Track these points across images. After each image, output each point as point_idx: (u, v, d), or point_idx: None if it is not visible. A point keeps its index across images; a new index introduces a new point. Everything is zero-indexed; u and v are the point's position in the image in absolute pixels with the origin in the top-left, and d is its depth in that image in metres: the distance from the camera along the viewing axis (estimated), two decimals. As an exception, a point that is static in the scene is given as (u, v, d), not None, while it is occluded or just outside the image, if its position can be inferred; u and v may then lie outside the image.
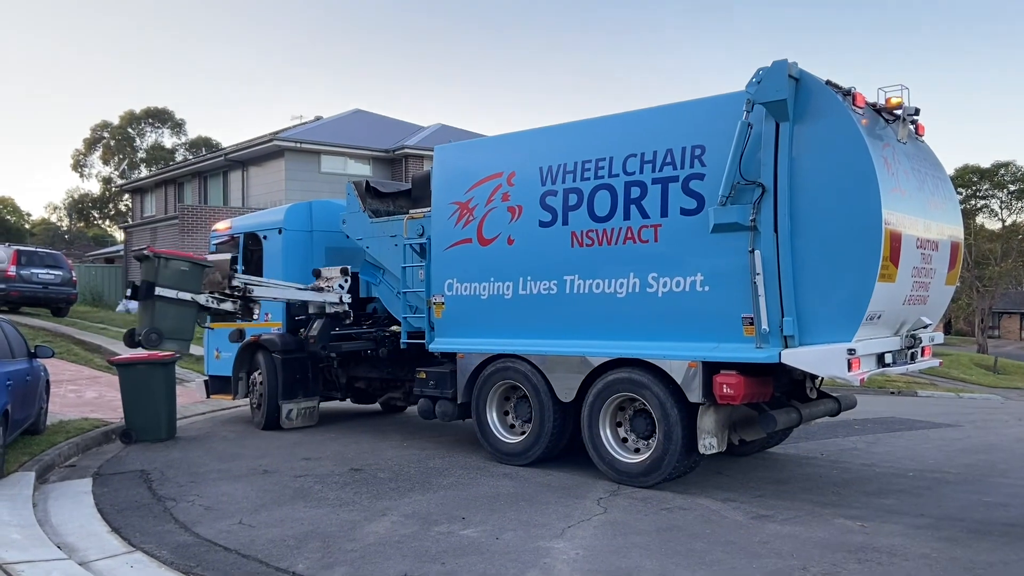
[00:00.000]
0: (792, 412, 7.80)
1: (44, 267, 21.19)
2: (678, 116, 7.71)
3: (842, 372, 6.67)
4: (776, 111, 6.89)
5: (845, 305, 6.70)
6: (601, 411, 7.99)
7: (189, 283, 9.32)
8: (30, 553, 5.67)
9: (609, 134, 8.15)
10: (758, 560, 5.56)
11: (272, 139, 29.48)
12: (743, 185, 7.02)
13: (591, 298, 8.09)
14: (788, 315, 6.85)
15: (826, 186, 6.77)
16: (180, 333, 9.30)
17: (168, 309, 9.15)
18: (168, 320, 9.14)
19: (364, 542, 6.05)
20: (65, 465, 8.94)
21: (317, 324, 10.63)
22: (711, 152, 7.31)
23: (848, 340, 6.65)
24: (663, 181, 7.60)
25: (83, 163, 60.87)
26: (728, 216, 7.04)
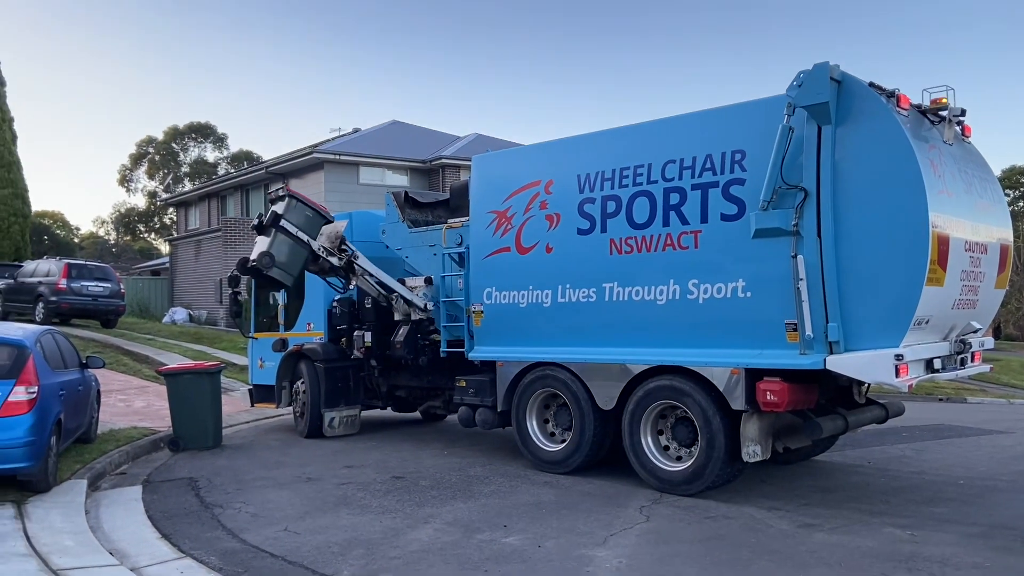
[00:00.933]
0: (838, 419, 7.65)
1: (93, 280, 21.69)
2: (718, 121, 7.65)
3: (890, 378, 6.55)
4: (818, 114, 6.81)
5: (892, 310, 6.58)
6: (642, 419, 7.94)
7: (310, 228, 9.97)
8: (83, 559, 5.81)
9: (647, 140, 8.12)
10: (805, 570, 5.47)
11: (312, 152, 29.90)
12: (785, 190, 6.95)
13: (630, 305, 8.05)
14: (833, 321, 6.75)
15: (871, 190, 6.66)
16: (288, 268, 9.88)
17: (284, 244, 9.80)
18: (282, 253, 9.76)
19: (407, 549, 6.09)
20: (116, 473, 9.15)
21: (403, 331, 10.73)
22: (752, 157, 7.24)
23: (896, 345, 6.53)
24: (703, 187, 7.55)
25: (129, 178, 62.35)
26: (770, 221, 6.97)
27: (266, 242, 9.73)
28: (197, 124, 61.71)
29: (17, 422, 7.19)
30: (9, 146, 29.05)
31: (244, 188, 35.15)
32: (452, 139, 34.45)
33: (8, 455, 7.12)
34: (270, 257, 9.62)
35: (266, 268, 9.60)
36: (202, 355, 18.62)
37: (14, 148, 29.38)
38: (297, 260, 9.95)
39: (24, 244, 29.25)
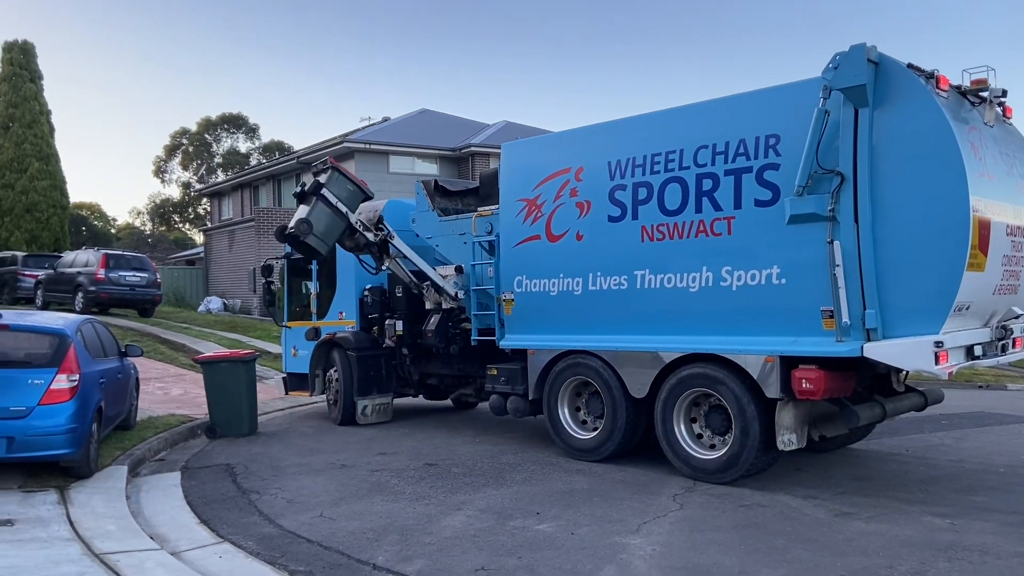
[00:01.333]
0: (875, 407, 7.53)
1: (131, 270, 22.05)
2: (751, 105, 7.54)
3: (929, 366, 6.44)
4: (855, 97, 6.67)
5: (932, 296, 6.45)
6: (675, 407, 7.90)
7: (350, 202, 10.05)
8: (125, 543, 5.93)
9: (679, 126, 8.03)
10: (842, 558, 5.42)
11: (342, 141, 30.09)
12: (821, 174, 6.83)
13: (662, 293, 7.99)
14: (870, 307, 6.64)
15: (910, 173, 6.53)
16: (325, 237, 9.92)
17: (323, 214, 9.83)
18: (320, 222, 9.82)
19: (441, 535, 6.13)
20: (155, 459, 9.32)
21: (434, 319, 10.76)
22: (786, 141, 7.12)
23: (935, 332, 6.42)
24: (736, 172, 7.45)
25: (164, 169, 63.21)
26: (805, 206, 6.86)
27: (305, 210, 9.79)
28: (229, 115, 62.33)
29: (59, 409, 7.35)
30: (47, 139, 29.63)
31: (276, 178, 35.48)
32: (481, 127, 34.43)
33: (51, 442, 7.28)
34: (308, 224, 9.67)
35: (303, 235, 9.65)
36: (237, 344, 18.87)
37: (52, 141, 29.97)
38: (334, 230, 9.98)
39: (63, 235, 29.87)
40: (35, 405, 7.25)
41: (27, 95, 29.19)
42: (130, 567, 5.34)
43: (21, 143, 28.68)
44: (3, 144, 28.70)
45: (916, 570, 5.16)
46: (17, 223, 28.39)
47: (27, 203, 28.44)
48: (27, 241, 28.05)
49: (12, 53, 29.55)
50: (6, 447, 7.10)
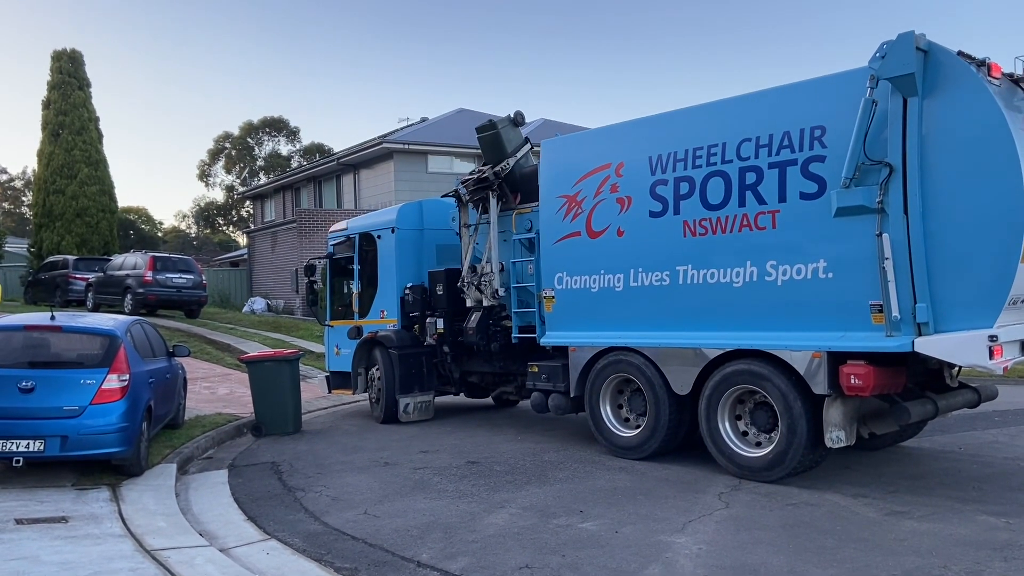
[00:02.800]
0: (927, 403, 7.33)
1: (177, 272, 22.48)
2: (795, 97, 7.41)
3: (983, 360, 6.26)
4: (903, 86, 6.51)
5: (985, 289, 6.29)
6: (719, 404, 7.79)
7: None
8: (175, 540, 6.04)
9: (721, 119, 7.92)
10: (894, 558, 5.29)
11: (381, 142, 30.29)
12: (868, 166, 6.69)
13: (705, 288, 7.89)
14: (921, 301, 6.48)
15: (961, 163, 6.36)
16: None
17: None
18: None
19: (484, 533, 6.13)
20: (203, 457, 9.49)
21: (474, 317, 10.81)
22: (832, 133, 6.98)
23: (989, 326, 6.24)
24: (780, 165, 7.32)
25: (208, 173, 64.32)
26: (853, 199, 6.73)
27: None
28: (270, 119, 63.21)
29: (111, 409, 7.52)
30: (96, 145, 30.33)
31: (316, 180, 35.88)
32: (519, 125, 34.36)
33: (103, 440, 7.45)
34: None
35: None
36: (281, 343, 19.13)
37: (100, 147, 30.66)
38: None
39: (112, 239, 30.53)
40: (87, 405, 7.43)
41: (76, 102, 29.91)
42: (181, 563, 5.43)
43: (71, 149, 29.40)
44: (54, 151, 29.44)
45: (971, 570, 5.02)
46: (68, 227, 29.11)
47: (77, 208, 29.14)
48: (77, 245, 28.73)
49: (61, 62, 30.30)
50: (60, 446, 7.28)
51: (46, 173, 29.59)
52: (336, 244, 13.14)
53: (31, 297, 25.64)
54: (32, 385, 7.36)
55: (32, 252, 30.64)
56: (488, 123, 10.77)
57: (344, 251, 12.92)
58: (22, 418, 7.26)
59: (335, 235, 13.28)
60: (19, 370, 7.50)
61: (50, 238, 29.22)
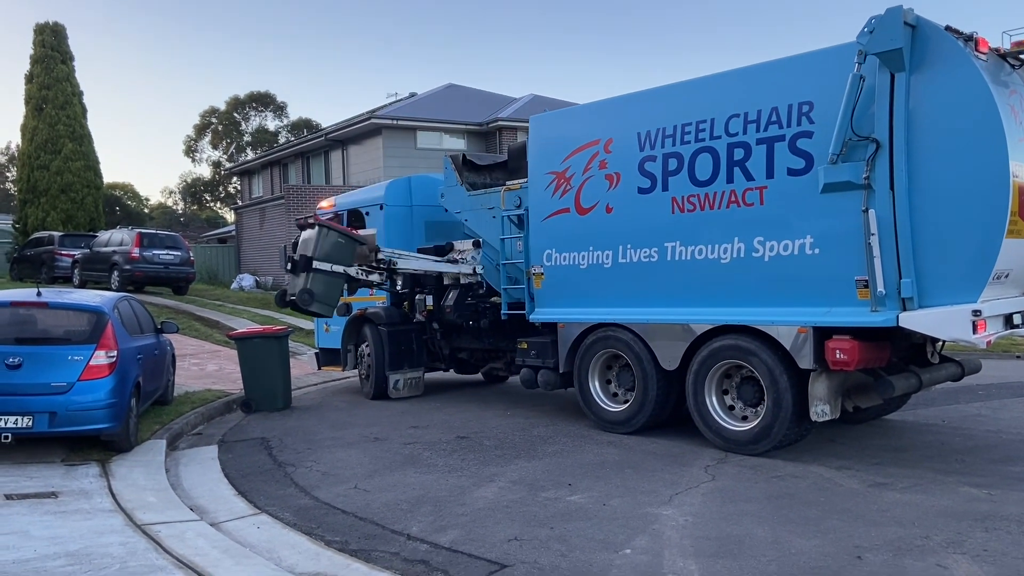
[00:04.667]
0: (911, 377, 7.41)
1: (164, 248, 22.33)
2: (784, 72, 7.40)
3: (967, 335, 6.33)
4: (891, 61, 6.52)
5: (970, 264, 6.35)
6: (706, 379, 7.86)
7: (343, 256, 10.03)
8: (166, 515, 6.07)
9: (710, 95, 7.91)
10: (877, 528, 5.38)
11: (369, 118, 30.08)
12: (855, 141, 6.71)
13: (693, 264, 7.93)
14: (906, 276, 6.54)
15: (947, 139, 6.39)
16: (328, 299, 10.07)
17: (320, 280, 9.90)
18: (319, 285, 9.88)
19: (474, 507, 6.19)
20: (192, 433, 9.50)
21: (452, 294, 10.86)
22: (820, 108, 6.99)
23: (973, 301, 6.31)
24: (768, 141, 7.34)
25: (194, 148, 63.74)
26: (839, 175, 6.75)
27: (303, 279, 9.84)
28: (257, 93, 62.59)
29: (99, 385, 7.51)
30: (80, 120, 29.94)
31: (305, 156, 35.63)
32: (508, 101, 34.20)
33: (92, 416, 7.45)
34: (309, 293, 9.79)
35: (306, 304, 9.87)
36: (270, 320, 19.08)
37: (84, 121, 30.27)
38: (336, 289, 10.13)
39: (98, 215, 30.24)
40: (75, 381, 7.42)
41: (59, 76, 29.47)
42: (171, 537, 5.46)
43: (55, 124, 29.02)
44: (37, 126, 29.05)
45: (952, 540, 5.11)
46: (53, 203, 28.80)
47: (62, 184, 28.82)
48: (63, 221, 28.45)
49: (44, 35, 29.81)
50: (48, 422, 7.28)
51: (30, 148, 29.22)
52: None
53: (17, 274, 25.43)
54: (19, 361, 7.34)
55: (17, 228, 30.32)
56: (290, 302, 10.22)
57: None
58: (10, 394, 7.24)
59: (322, 212, 13.13)
60: (6, 346, 7.47)
61: (35, 214, 28.93)
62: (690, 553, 5.04)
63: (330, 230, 9.99)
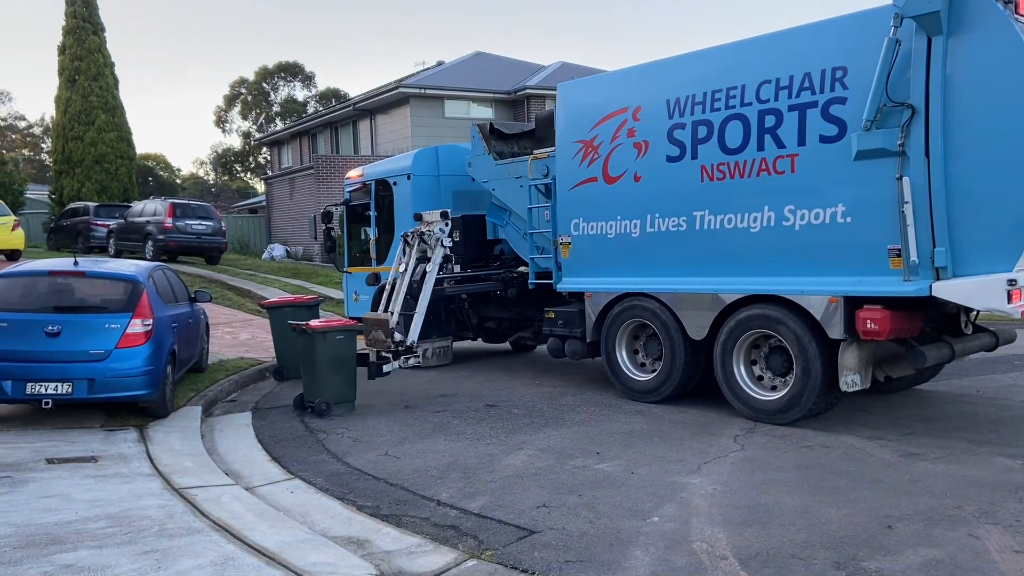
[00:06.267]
0: (943, 347, 7.31)
1: (196, 218, 22.59)
2: (816, 37, 7.25)
3: (1001, 304, 6.23)
4: (928, 24, 6.35)
5: (1005, 232, 6.24)
6: (735, 348, 7.84)
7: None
8: (202, 479, 6.21)
9: (740, 61, 7.78)
10: (908, 498, 5.35)
11: (397, 87, 29.99)
12: (890, 107, 6.58)
13: (722, 234, 7.86)
14: (940, 245, 6.43)
15: (985, 104, 6.23)
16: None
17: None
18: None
19: (502, 474, 6.25)
20: (226, 400, 9.68)
21: (418, 270, 10.49)
22: (854, 73, 6.85)
23: (1009, 270, 6.20)
24: (800, 107, 7.21)
25: (224, 119, 64.09)
26: (873, 141, 6.63)
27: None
28: (286, 63, 62.63)
29: (135, 352, 7.67)
30: (112, 91, 30.22)
31: (333, 126, 35.69)
32: (537, 68, 33.90)
33: (129, 383, 7.62)
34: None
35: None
36: (301, 289, 19.29)
37: (117, 92, 30.54)
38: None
39: (131, 185, 30.64)
40: (113, 348, 7.57)
41: (91, 47, 29.71)
42: (208, 501, 5.59)
43: (88, 95, 29.32)
44: (71, 97, 29.38)
45: (985, 510, 5.07)
46: (87, 174, 29.21)
47: (96, 155, 29.19)
48: (97, 192, 28.86)
49: (75, 6, 30.00)
50: (87, 388, 7.46)
51: (64, 120, 29.59)
52: (353, 191, 13.12)
53: (53, 243, 25.92)
54: (58, 329, 7.50)
55: (53, 199, 30.86)
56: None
57: (361, 198, 12.88)
58: (50, 361, 7.43)
59: (351, 183, 13.25)
60: (45, 314, 7.64)
61: (70, 185, 29.38)
62: (718, 521, 5.06)
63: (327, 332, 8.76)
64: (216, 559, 4.44)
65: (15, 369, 7.37)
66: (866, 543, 4.64)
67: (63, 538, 4.74)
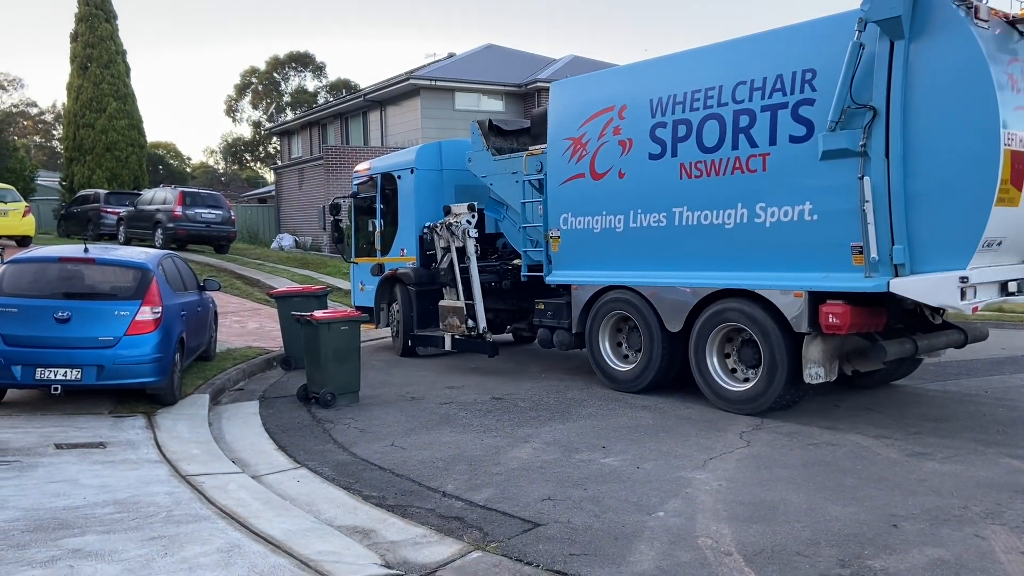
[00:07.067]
0: (906, 343, 7.45)
1: (206, 207, 22.62)
2: (789, 40, 7.55)
3: (954, 301, 6.46)
4: (890, 29, 6.57)
5: (959, 231, 6.46)
6: (708, 341, 8.10)
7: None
8: (209, 467, 6.24)
9: (719, 62, 8.08)
10: (914, 497, 5.34)
11: (408, 78, 29.98)
12: (854, 109, 6.81)
13: (699, 230, 8.10)
14: (899, 243, 6.66)
15: (941, 106, 6.47)
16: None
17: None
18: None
19: (508, 466, 6.26)
20: (234, 388, 9.72)
21: (446, 259, 10.92)
22: (822, 76, 7.10)
23: (962, 267, 6.41)
24: (772, 108, 7.47)
25: (235, 108, 64.13)
26: (837, 142, 6.85)
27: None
28: (296, 53, 62.61)
29: (144, 340, 7.70)
30: (123, 78, 30.26)
31: (343, 116, 35.72)
32: (548, 62, 33.82)
33: (137, 370, 7.66)
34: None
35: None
36: (309, 279, 19.33)
37: (128, 80, 30.58)
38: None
39: (141, 173, 30.70)
40: (122, 335, 7.61)
41: (103, 35, 29.74)
42: (214, 488, 5.62)
43: (99, 83, 29.36)
44: (82, 84, 29.43)
45: (991, 511, 5.05)
46: (98, 161, 29.28)
47: (107, 142, 29.25)
48: (108, 179, 28.93)
49: (87, -7, 30.07)
50: (96, 374, 7.50)
51: (75, 107, 29.66)
52: (360, 184, 13.36)
53: (64, 230, 26.03)
54: (68, 315, 7.54)
55: (64, 186, 30.96)
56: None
57: (368, 190, 13.11)
58: (60, 347, 7.47)
59: (359, 176, 13.53)
60: (55, 301, 7.68)
61: (81, 172, 29.46)
62: (723, 517, 5.06)
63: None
64: (222, 546, 4.46)
65: (25, 354, 7.41)
66: (871, 541, 4.63)
67: (71, 523, 4.78)
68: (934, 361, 9.32)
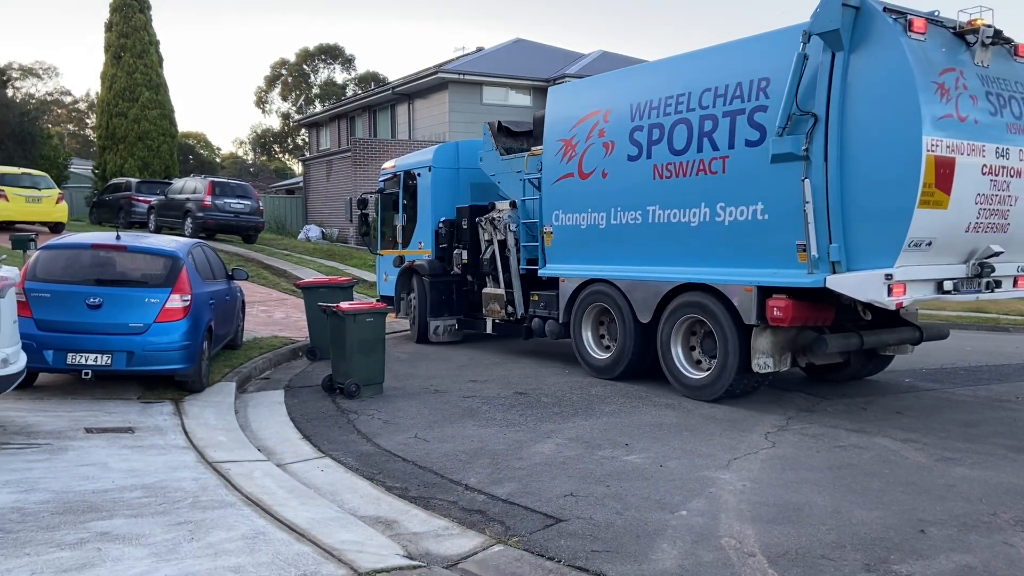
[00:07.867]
0: (851, 337, 7.91)
1: (235, 197, 22.83)
2: (749, 49, 8.01)
3: (881, 297, 6.78)
4: (831, 41, 6.98)
5: (887, 232, 6.75)
6: (672, 331, 8.66)
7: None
8: (235, 454, 6.31)
9: (690, 70, 8.50)
10: (942, 503, 5.26)
11: (436, 72, 30.02)
12: (798, 116, 7.16)
13: (669, 227, 8.60)
14: (835, 242, 7.03)
15: (872, 114, 6.86)
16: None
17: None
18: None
19: (531, 461, 6.26)
20: (260, 377, 9.82)
21: (489, 250, 11.52)
22: (775, 84, 7.54)
23: (889, 266, 6.72)
24: (732, 114, 7.90)
25: (264, 99, 64.72)
26: (784, 146, 7.21)
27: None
28: (326, 46, 63.00)
29: (174, 327, 7.80)
30: (156, 69, 30.61)
31: (371, 109, 35.86)
32: (576, 57, 33.71)
33: (166, 357, 7.76)
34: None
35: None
36: (335, 271, 19.46)
37: (161, 70, 30.93)
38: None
39: (173, 163, 31.05)
40: (151, 322, 7.71)
41: (137, 25, 30.09)
42: (240, 475, 5.68)
43: (132, 72, 29.72)
44: (116, 74, 29.81)
45: (1021, 518, 4.97)
46: (130, 150, 29.66)
47: (139, 131, 29.62)
48: (139, 168, 29.30)
49: (122, -17, 30.40)
50: (126, 360, 7.61)
51: (109, 96, 30.04)
52: (386, 180, 14.03)
53: (96, 218, 26.39)
54: (99, 302, 7.65)
55: (96, 174, 31.39)
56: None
57: (392, 187, 13.79)
58: (91, 332, 7.58)
59: (385, 173, 14.16)
60: (87, 287, 7.79)
61: (113, 160, 29.86)
62: (747, 518, 5.02)
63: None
64: (247, 533, 4.51)
65: (57, 339, 7.53)
66: (898, 546, 4.57)
67: (100, 506, 4.85)
68: (904, 356, 9.52)
